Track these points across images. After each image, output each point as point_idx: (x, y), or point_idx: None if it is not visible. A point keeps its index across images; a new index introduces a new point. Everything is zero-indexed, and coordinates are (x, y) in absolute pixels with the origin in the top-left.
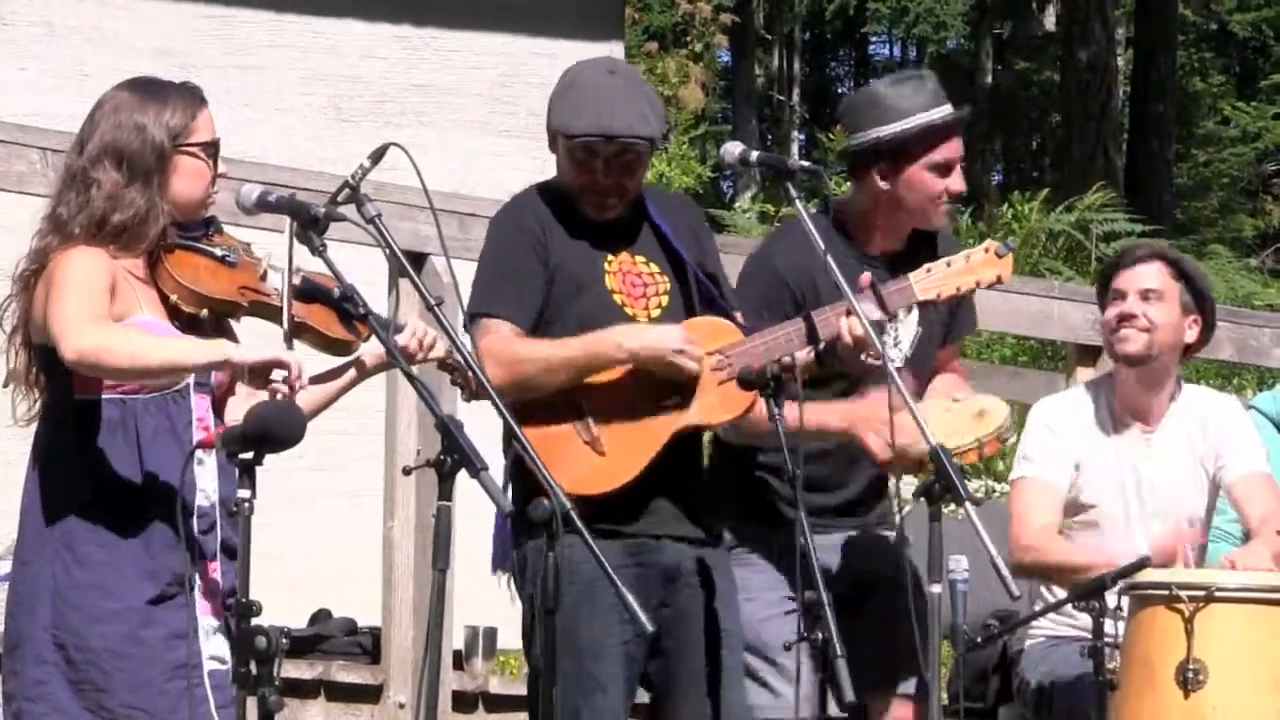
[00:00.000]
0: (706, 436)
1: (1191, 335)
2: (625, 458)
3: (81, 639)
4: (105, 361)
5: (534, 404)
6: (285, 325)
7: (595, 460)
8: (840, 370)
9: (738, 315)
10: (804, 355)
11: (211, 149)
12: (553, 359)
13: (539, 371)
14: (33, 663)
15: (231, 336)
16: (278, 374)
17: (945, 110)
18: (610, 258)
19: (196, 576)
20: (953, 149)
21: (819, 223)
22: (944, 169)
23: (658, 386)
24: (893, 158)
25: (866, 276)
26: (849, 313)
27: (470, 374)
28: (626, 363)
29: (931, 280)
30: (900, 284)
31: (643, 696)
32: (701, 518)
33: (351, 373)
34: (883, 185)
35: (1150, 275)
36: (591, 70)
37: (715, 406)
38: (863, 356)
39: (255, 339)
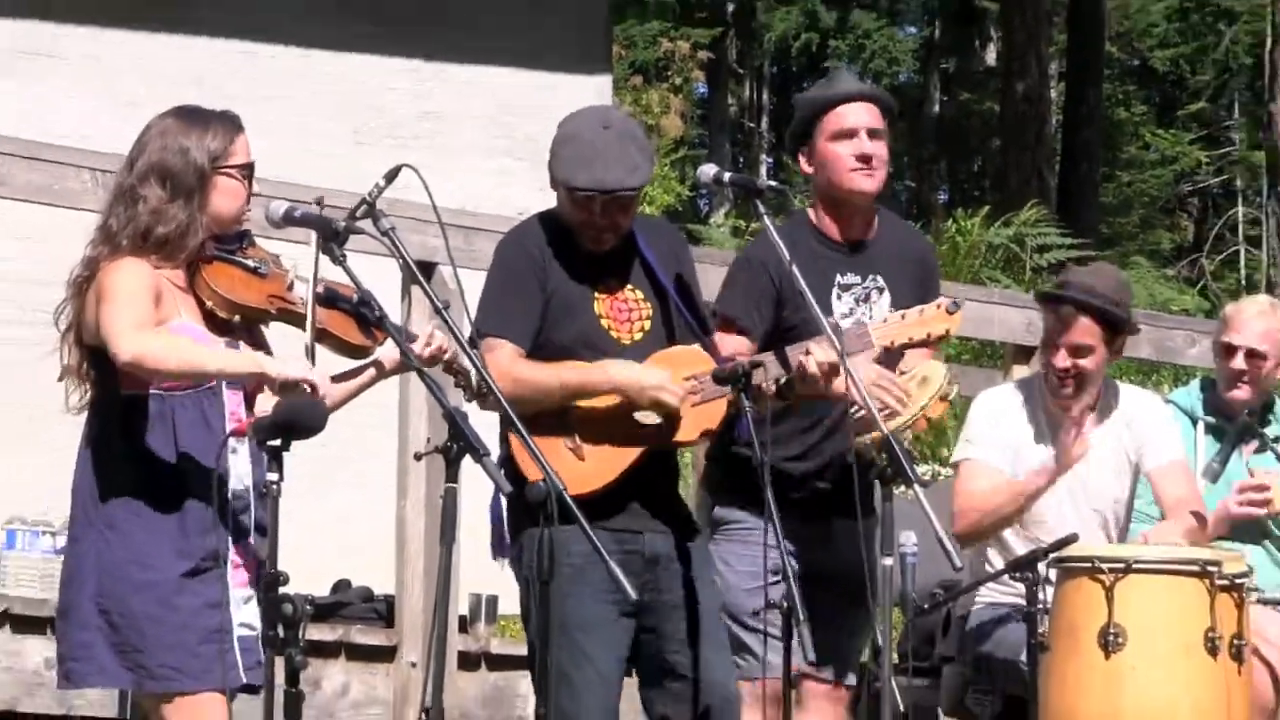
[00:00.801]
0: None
1: (1117, 356)
2: (603, 466)
3: (123, 605)
4: (158, 365)
5: (525, 417)
6: (308, 332)
7: (576, 466)
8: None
9: (714, 339)
10: (769, 385)
11: (246, 170)
12: (548, 384)
13: (534, 393)
14: (79, 628)
15: (262, 340)
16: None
17: (841, 87)
18: (601, 285)
19: (230, 551)
20: (847, 116)
21: (793, 228)
22: (846, 135)
23: (634, 405)
24: (806, 140)
25: (832, 321)
26: (808, 352)
27: (476, 378)
28: (612, 394)
29: (887, 330)
30: (859, 330)
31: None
32: (675, 516)
33: (370, 372)
34: (809, 170)
35: (1080, 332)
36: (588, 125)
37: (689, 426)
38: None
39: (288, 352)
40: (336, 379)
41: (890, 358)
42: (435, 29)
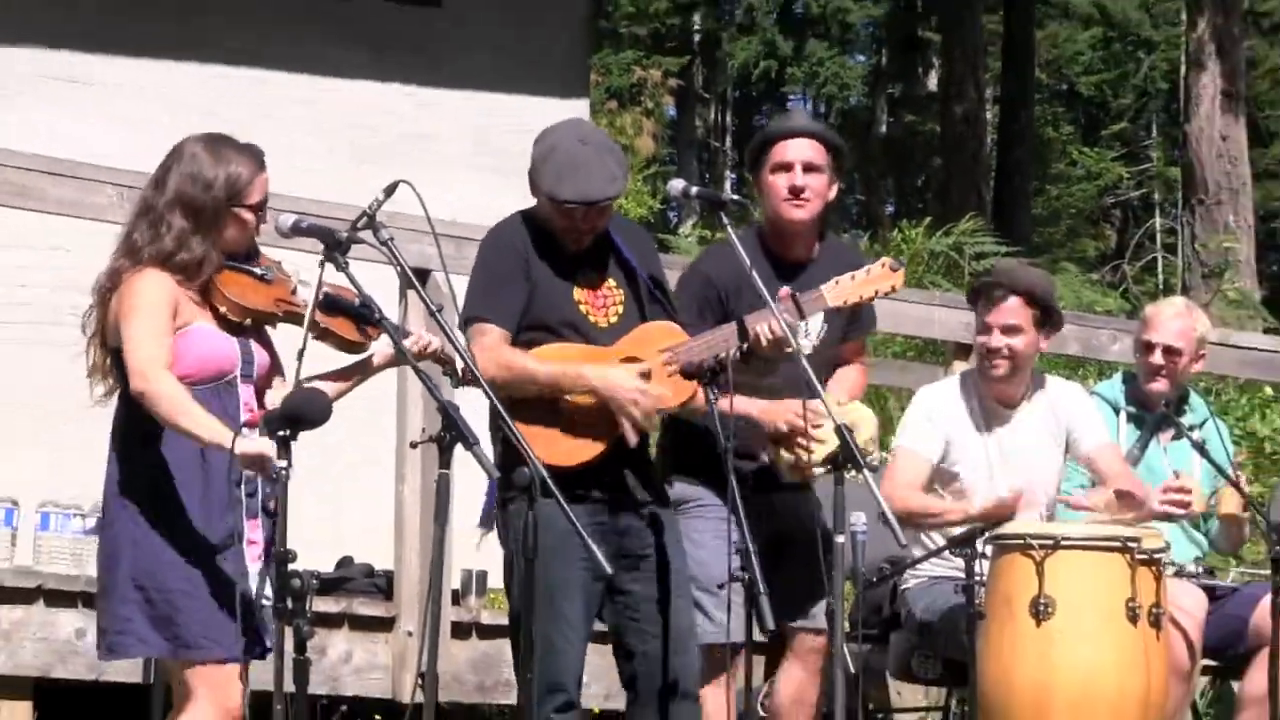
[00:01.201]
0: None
1: (1045, 345)
2: (590, 439)
3: (157, 581)
4: (155, 409)
5: (517, 401)
6: (304, 333)
7: (562, 440)
8: (764, 364)
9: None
10: (734, 353)
11: (260, 206)
12: (531, 374)
13: (517, 380)
14: (119, 603)
15: (268, 340)
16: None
17: (786, 124)
18: (580, 277)
19: (245, 531)
20: (786, 150)
21: (748, 240)
22: (783, 168)
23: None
24: (755, 168)
25: (786, 290)
26: (769, 323)
27: (464, 367)
28: (588, 393)
29: (839, 290)
30: (814, 294)
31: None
32: (649, 486)
33: (366, 367)
34: (759, 194)
35: (1009, 312)
36: (566, 139)
37: (665, 395)
38: (783, 349)
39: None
40: (338, 374)
41: (828, 368)
42: (428, 57)
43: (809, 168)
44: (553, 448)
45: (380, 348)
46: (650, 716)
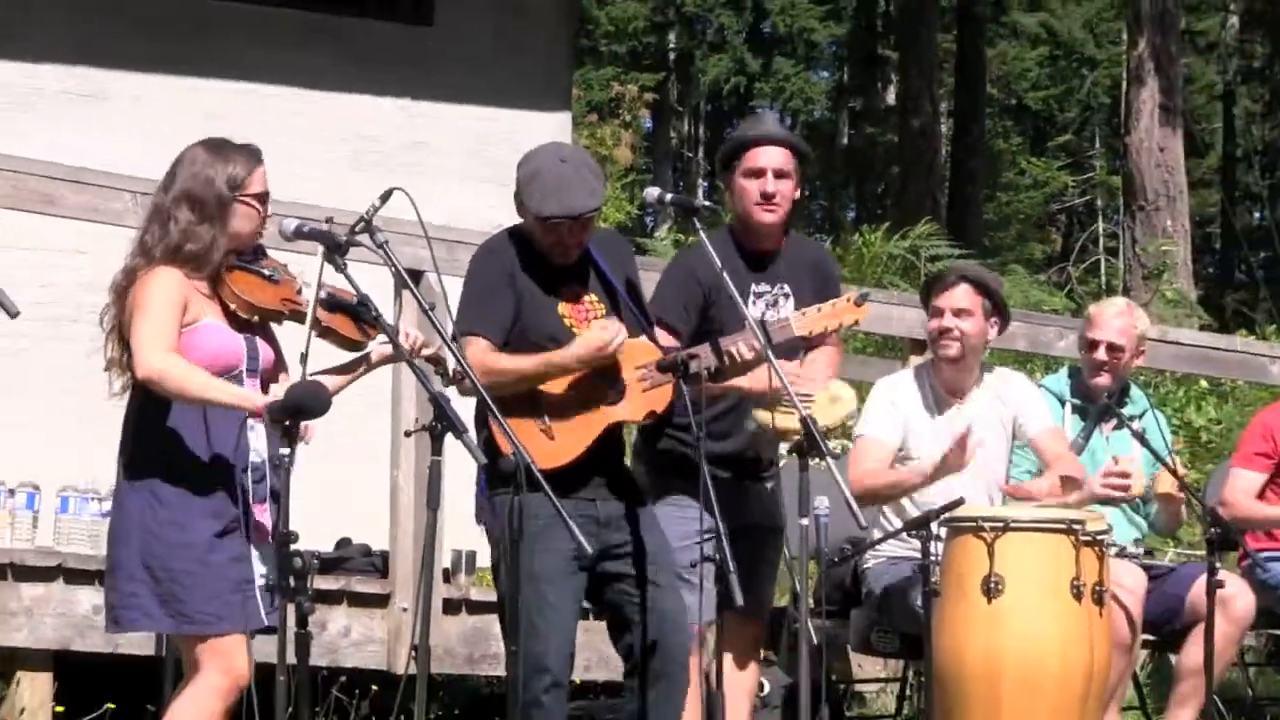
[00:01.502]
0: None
1: (993, 334)
2: (570, 443)
3: (164, 562)
4: (177, 388)
5: (502, 400)
6: (308, 330)
7: (547, 443)
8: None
9: (655, 332)
10: (710, 369)
11: (262, 198)
12: (516, 370)
13: (505, 379)
14: (125, 580)
15: (273, 337)
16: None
17: (772, 129)
18: (563, 291)
19: (251, 515)
20: (757, 157)
21: (720, 238)
22: (756, 174)
23: (595, 390)
24: (727, 169)
25: (757, 316)
26: (744, 343)
27: (455, 368)
28: (578, 369)
29: (806, 321)
30: (782, 322)
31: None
32: (625, 482)
33: (365, 364)
34: (729, 194)
35: (960, 296)
36: (547, 161)
37: (639, 406)
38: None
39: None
40: (336, 370)
41: (791, 351)
42: (421, 72)
43: (779, 174)
44: (535, 451)
45: (378, 346)
46: (645, 686)
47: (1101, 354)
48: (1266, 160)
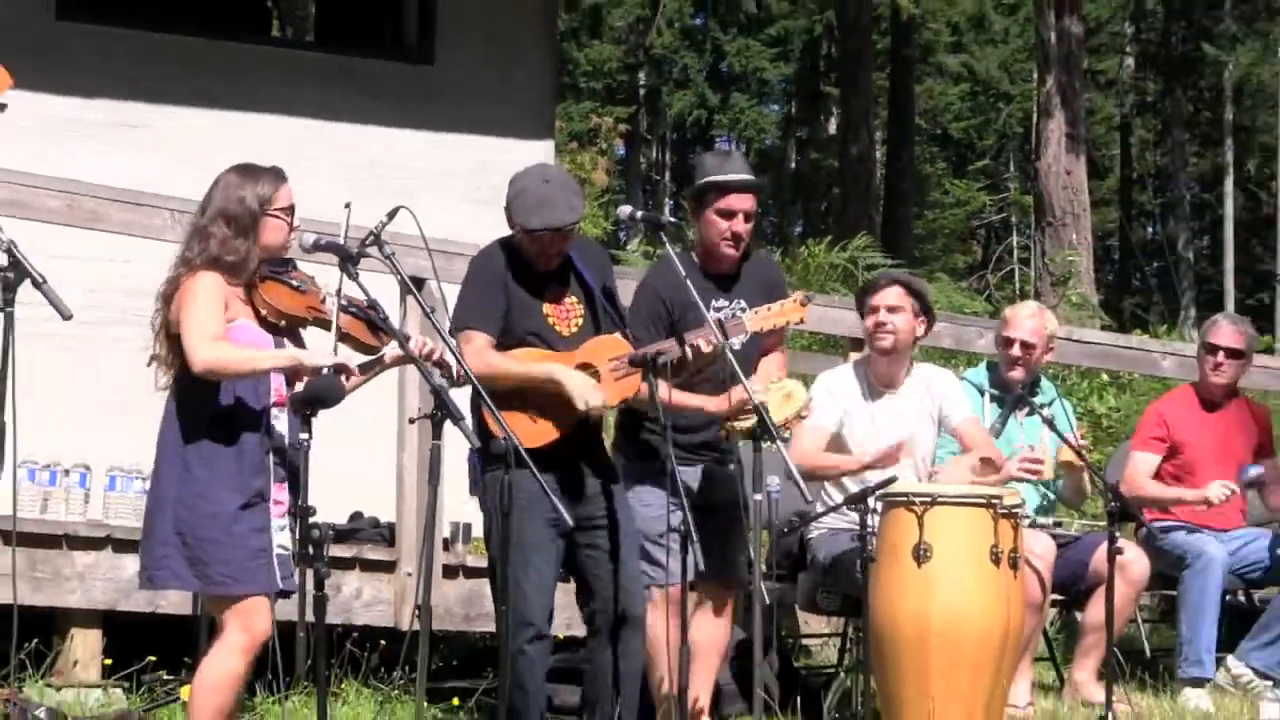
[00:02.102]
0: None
1: (921, 330)
2: (550, 425)
3: (193, 530)
4: (230, 369)
5: (493, 390)
6: (333, 334)
7: (531, 426)
8: (697, 364)
9: (628, 331)
10: (674, 360)
11: (288, 211)
12: (509, 372)
13: (499, 375)
14: (159, 544)
15: (300, 340)
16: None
17: (732, 175)
18: (548, 294)
19: (273, 490)
20: (731, 202)
21: (685, 259)
22: (726, 215)
23: None
24: (699, 202)
25: (717, 316)
26: (705, 337)
27: (458, 370)
28: (553, 387)
29: (758, 318)
30: (738, 321)
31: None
32: (601, 464)
33: (379, 364)
34: (696, 221)
35: (892, 296)
36: (533, 180)
37: (613, 393)
38: (714, 357)
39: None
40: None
41: (752, 361)
42: (424, 105)
43: (747, 217)
44: (521, 432)
45: (390, 351)
46: (605, 643)
47: (1016, 350)
48: (1158, 183)
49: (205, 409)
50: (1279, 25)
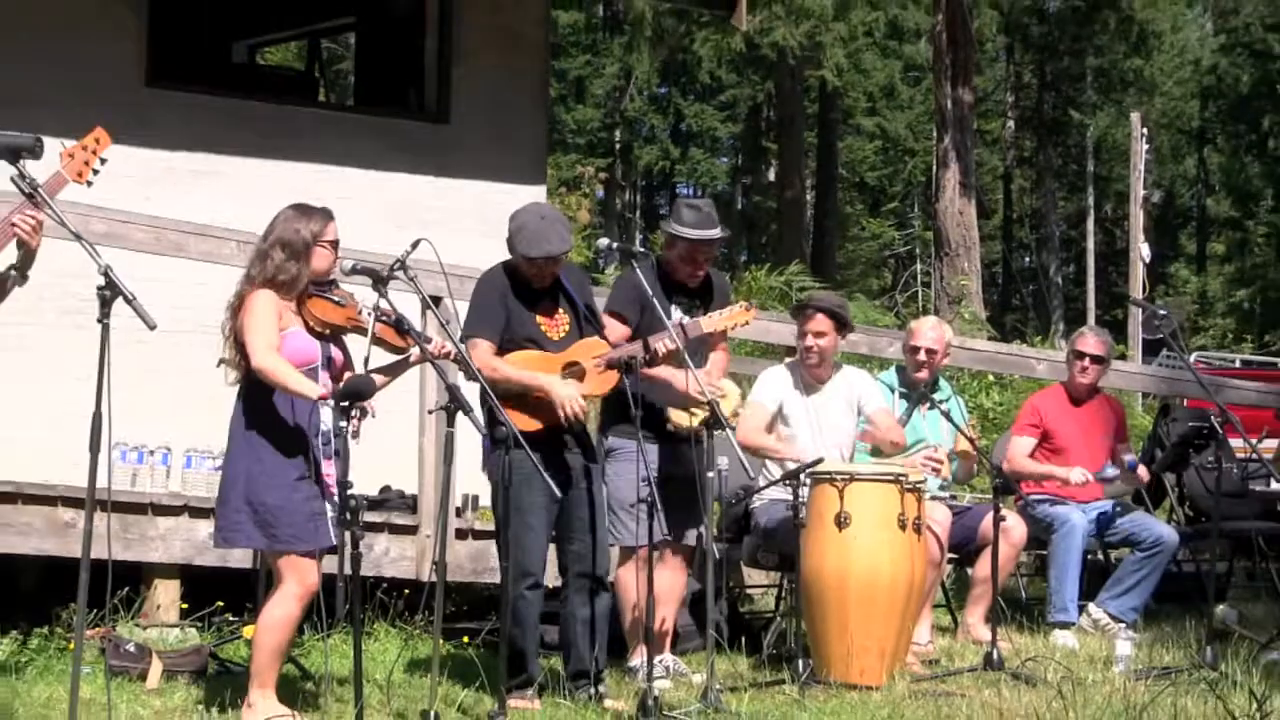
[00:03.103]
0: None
1: (842, 342)
2: (545, 413)
3: (260, 499)
4: (272, 378)
5: (499, 389)
6: (369, 341)
7: (526, 416)
8: (661, 361)
9: (606, 334)
10: (642, 359)
11: (334, 244)
12: (510, 379)
13: (502, 381)
14: (232, 511)
15: (343, 345)
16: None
17: (697, 232)
18: (540, 307)
19: (320, 468)
20: (694, 250)
21: (653, 272)
22: (688, 259)
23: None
24: (670, 244)
25: (677, 320)
26: (665, 340)
27: (466, 366)
28: (544, 395)
29: (710, 321)
30: (695, 323)
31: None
32: (583, 446)
33: (406, 365)
34: (669, 247)
35: (818, 323)
36: (531, 216)
37: (596, 385)
38: (674, 357)
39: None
40: (385, 369)
41: (701, 357)
42: (441, 157)
43: (707, 259)
44: (518, 422)
45: (414, 354)
46: (578, 594)
47: (922, 356)
48: (1033, 221)
49: (266, 401)
50: (1130, 96)
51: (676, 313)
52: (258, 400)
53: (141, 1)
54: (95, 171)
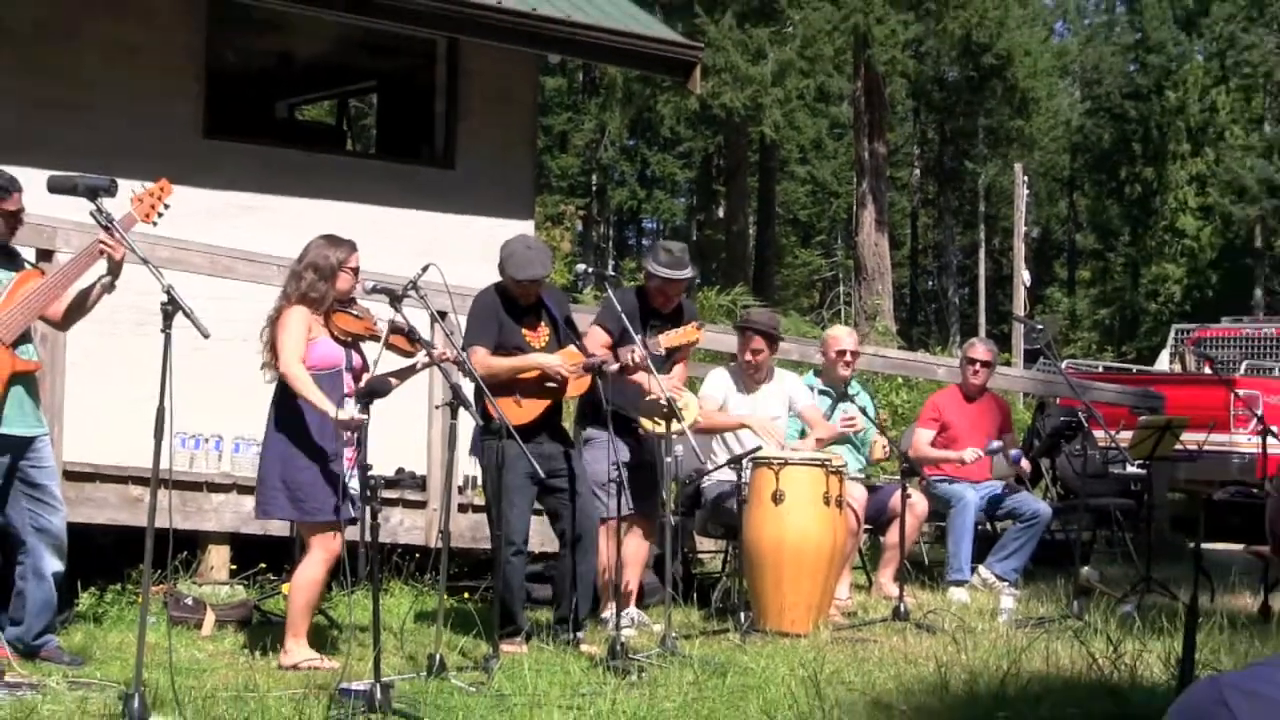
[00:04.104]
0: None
1: (776, 352)
2: (530, 409)
3: (293, 477)
4: (293, 384)
5: (492, 386)
6: (381, 346)
7: (517, 409)
8: (631, 369)
9: (585, 343)
10: (614, 368)
11: (355, 270)
12: (505, 367)
13: (499, 370)
14: (270, 489)
15: (362, 352)
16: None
17: (673, 272)
18: (525, 320)
19: (345, 451)
20: (667, 288)
21: (630, 296)
22: (661, 292)
23: (546, 379)
24: (649, 279)
25: (642, 338)
26: (633, 352)
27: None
28: (537, 370)
29: (669, 337)
30: (656, 340)
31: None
32: (562, 436)
33: (414, 369)
34: (646, 277)
35: (757, 343)
36: (520, 245)
37: (573, 388)
38: (641, 366)
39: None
40: (398, 372)
41: (668, 368)
42: (448, 196)
43: (676, 292)
44: (509, 415)
45: (422, 359)
46: (569, 554)
47: (848, 356)
48: (935, 252)
49: (297, 398)
50: (1013, 150)
51: (652, 332)
52: (289, 396)
53: (200, 70)
54: (160, 214)
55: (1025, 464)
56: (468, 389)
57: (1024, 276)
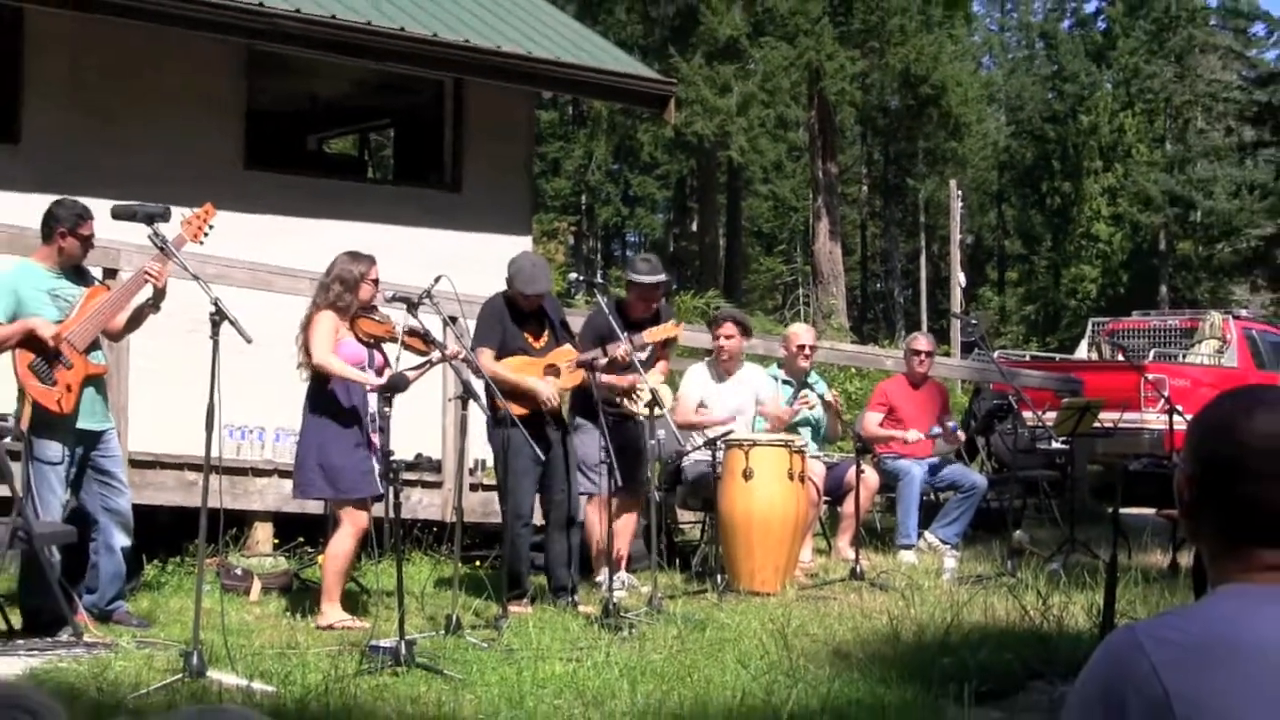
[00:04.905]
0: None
1: (746, 345)
2: (530, 402)
3: (327, 460)
4: (329, 370)
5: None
6: (398, 346)
7: (519, 404)
8: (619, 365)
9: (577, 344)
10: (603, 363)
11: (375, 281)
12: (506, 379)
13: (501, 379)
14: (308, 471)
15: (383, 351)
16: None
17: (649, 278)
18: (527, 326)
19: (372, 440)
20: (640, 292)
21: (611, 306)
22: (641, 298)
23: (547, 375)
24: (629, 288)
25: (628, 335)
26: (620, 348)
27: (475, 368)
28: (530, 393)
29: (651, 334)
30: (640, 337)
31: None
32: (559, 425)
33: (427, 366)
34: (627, 289)
35: (729, 329)
36: (526, 261)
37: (568, 381)
38: (627, 362)
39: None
40: (414, 369)
41: (650, 363)
42: (456, 216)
43: (656, 299)
44: (512, 407)
45: (435, 357)
46: (558, 530)
47: (808, 350)
48: (882, 258)
49: (327, 392)
50: (949, 168)
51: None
52: (322, 389)
53: (241, 110)
54: (206, 234)
55: (961, 434)
56: (477, 384)
57: (960, 278)
